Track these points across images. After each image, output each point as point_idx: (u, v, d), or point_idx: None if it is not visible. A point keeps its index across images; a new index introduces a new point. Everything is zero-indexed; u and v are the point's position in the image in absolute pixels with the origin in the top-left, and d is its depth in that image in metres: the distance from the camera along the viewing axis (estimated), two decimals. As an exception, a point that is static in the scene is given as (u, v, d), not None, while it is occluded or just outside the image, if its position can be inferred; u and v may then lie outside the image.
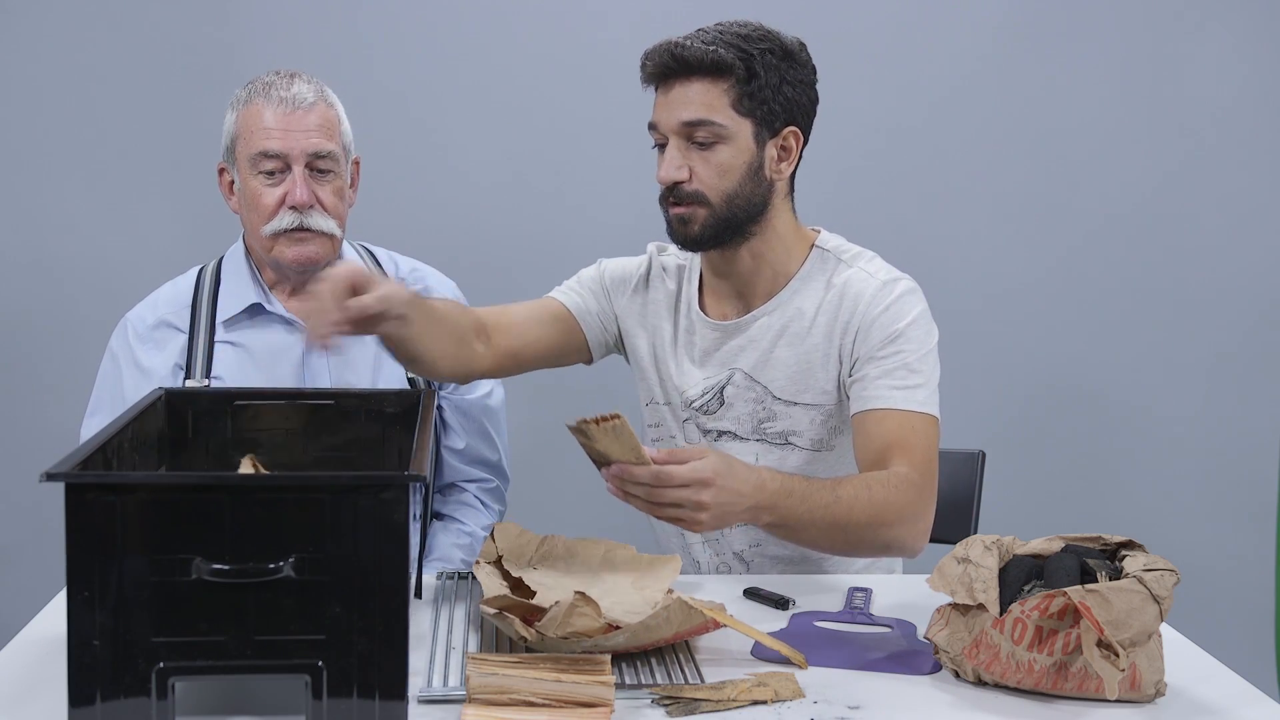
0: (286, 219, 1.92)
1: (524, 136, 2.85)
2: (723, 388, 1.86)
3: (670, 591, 1.53)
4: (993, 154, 2.90)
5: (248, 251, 2.05)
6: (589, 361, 1.97)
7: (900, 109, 2.87)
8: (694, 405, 1.88)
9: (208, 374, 1.97)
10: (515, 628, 1.38)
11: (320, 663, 1.20)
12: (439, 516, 2.15)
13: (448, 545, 2.07)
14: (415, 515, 2.07)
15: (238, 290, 2.02)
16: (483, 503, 2.16)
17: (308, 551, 1.20)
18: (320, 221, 1.94)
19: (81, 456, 1.24)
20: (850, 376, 1.80)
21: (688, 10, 2.07)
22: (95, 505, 1.17)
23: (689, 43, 1.71)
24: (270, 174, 1.92)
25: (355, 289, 1.51)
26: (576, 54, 2.83)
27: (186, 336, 2.00)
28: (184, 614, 1.19)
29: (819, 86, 1.81)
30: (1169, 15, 2.87)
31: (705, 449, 1.51)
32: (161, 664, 1.19)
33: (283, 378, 1.99)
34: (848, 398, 1.81)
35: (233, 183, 2.00)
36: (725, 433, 1.87)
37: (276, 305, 2.02)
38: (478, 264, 2.74)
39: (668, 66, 1.73)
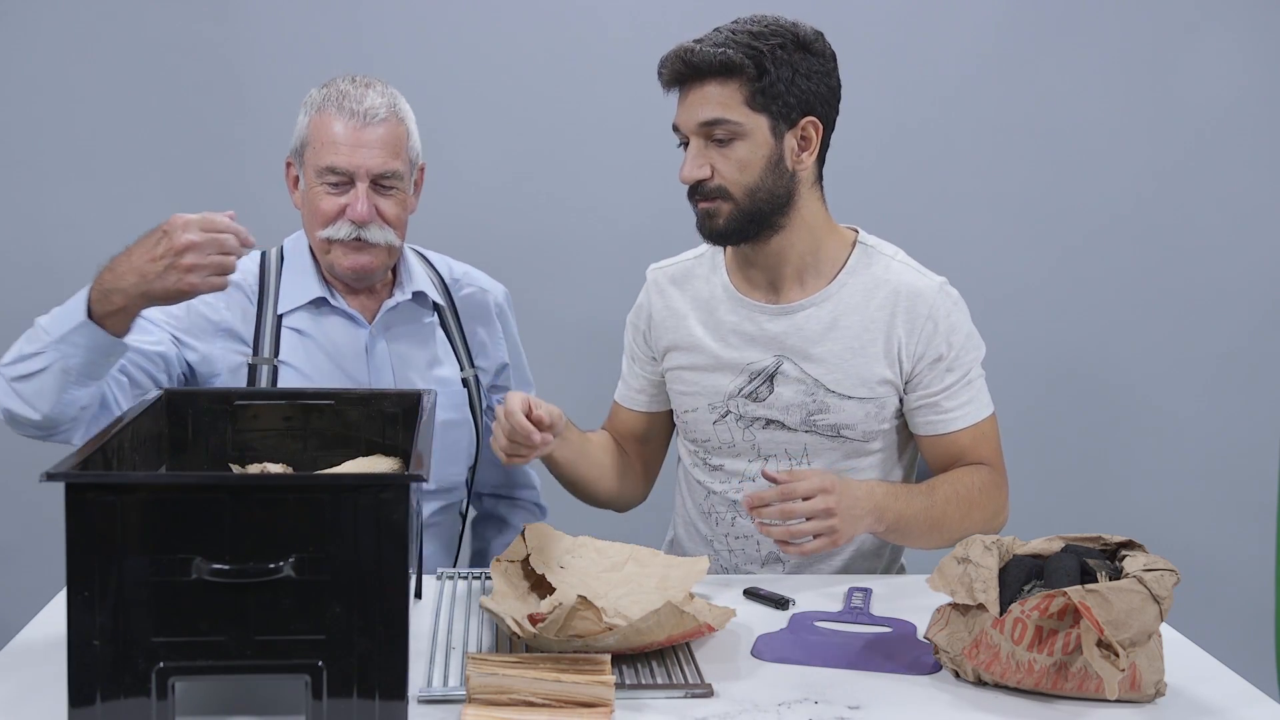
0: (344, 229, 1.92)
1: (524, 137, 2.84)
2: (772, 375, 1.87)
3: (691, 596, 1.53)
4: (992, 153, 2.90)
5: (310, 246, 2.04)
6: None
7: (903, 107, 2.87)
8: (743, 393, 1.88)
9: (276, 353, 1.95)
10: (508, 624, 1.38)
11: (320, 663, 1.20)
12: (494, 518, 2.22)
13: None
14: (462, 513, 2.12)
15: (302, 283, 2.00)
16: (540, 507, 2.25)
17: (308, 551, 1.20)
18: (378, 234, 1.94)
19: (82, 457, 1.25)
20: (910, 383, 1.85)
21: (688, 9, 2.07)
22: (95, 505, 1.17)
23: (698, 46, 1.76)
24: (334, 185, 1.92)
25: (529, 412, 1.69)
26: (578, 55, 2.82)
27: (255, 310, 1.98)
28: (184, 614, 1.19)
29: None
30: (1172, 14, 2.87)
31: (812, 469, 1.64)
32: (161, 664, 1.19)
33: (349, 370, 1.98)
34: (904, 396, 1.87)
35: (298, 179, 2.00)
36: (773, 421, 1.88)
37: (339, 300, 2.00)
38: (477, 264, 2.73)
39: (680, 72, 1.78)
